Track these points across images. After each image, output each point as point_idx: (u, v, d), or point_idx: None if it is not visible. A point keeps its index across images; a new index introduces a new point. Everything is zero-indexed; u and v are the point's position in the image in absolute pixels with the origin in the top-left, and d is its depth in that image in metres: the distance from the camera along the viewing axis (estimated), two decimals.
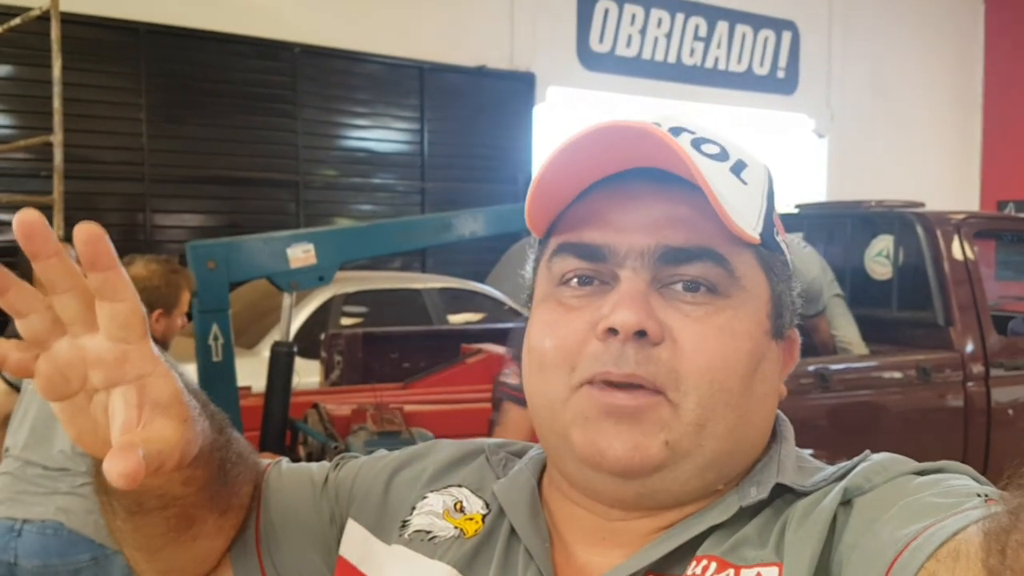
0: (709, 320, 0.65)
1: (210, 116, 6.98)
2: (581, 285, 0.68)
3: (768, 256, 0.69)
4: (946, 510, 0.54)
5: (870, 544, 0.56)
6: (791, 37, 10.22)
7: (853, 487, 0.62)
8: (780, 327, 0.70)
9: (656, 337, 0.63)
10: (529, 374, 0.70)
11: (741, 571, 0.61)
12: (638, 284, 0.65)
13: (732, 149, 0.70)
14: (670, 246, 0.65)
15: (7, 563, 2.37)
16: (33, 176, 6.05)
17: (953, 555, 0.49)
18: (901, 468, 0.63)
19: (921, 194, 5.07)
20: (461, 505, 0.76)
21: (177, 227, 6.95)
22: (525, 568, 0.69)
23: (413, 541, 0.74)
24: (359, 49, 7.56)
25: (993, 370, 3.72)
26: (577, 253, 0.68)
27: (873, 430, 3.43)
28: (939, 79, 11.58)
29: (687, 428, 0.63)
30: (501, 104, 8.31)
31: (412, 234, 3.55)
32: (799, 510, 0.63)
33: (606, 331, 0.64)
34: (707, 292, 0.65)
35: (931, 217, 3.85)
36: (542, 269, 0.72)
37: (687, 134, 0.69)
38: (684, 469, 0.65)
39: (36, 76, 5.81)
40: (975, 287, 3.75)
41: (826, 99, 10.52)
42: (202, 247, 2.91)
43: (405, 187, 7.97)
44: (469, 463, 0.81)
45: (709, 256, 0.65)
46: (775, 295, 0.69)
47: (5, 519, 2.39)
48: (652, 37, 9.23)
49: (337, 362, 4.49)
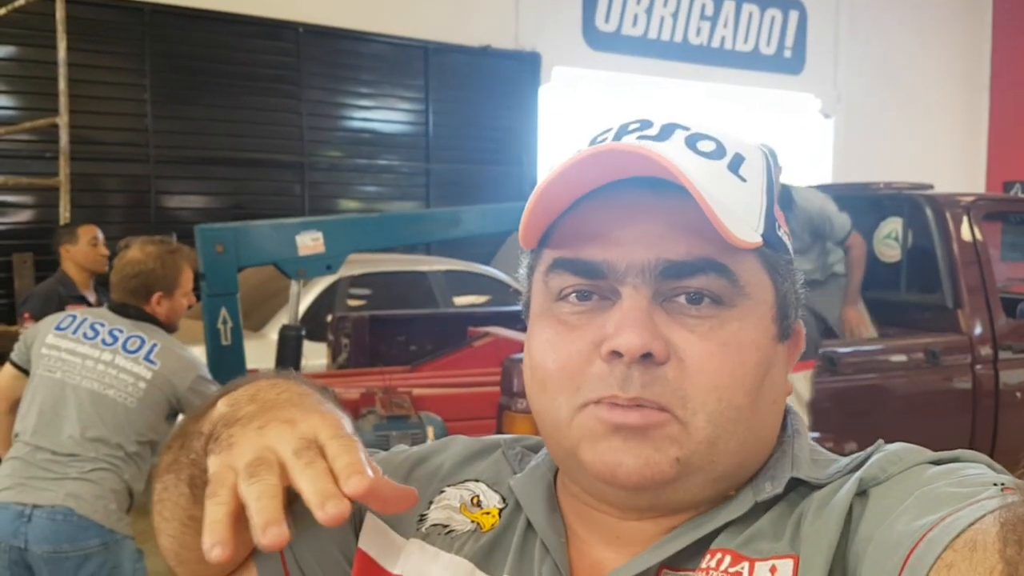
0: (714, 335, 0.63)
1: (215, 97, 6.96)
2: (580, 300, 0.66)
3: (772, 256, 0.67)
4: (962, 500, 0.53)
5: (886, 536, 0.56)
6: (798, 16, 10.15)
7: (868, 478, 0.62)
8: (786, 328, 0.69)
9: (661, 357, 0.62)
10: (532, 392, 0.69)
11: (756, 564, 0.61)
12: (640, 302, 0.63)
13: (729, 143, 0.68)
14: (671, 260, 0.63)
15: (18, 548, 2.38)
16: (38, 158, 6.03)
17: (970, 545, 0.48)
18: (916, 458, 0.63)
19: (927, 175, 5.04)
20: (478, 499, 0.76)
21: (182, 208, 6.96)
22: (541, 562, 0.69)
23: (430, 535, 0.74)
24: (363, 29, 7.52)
25: (1002, 353, 3.72)
26: (575, 270, 0.66)
27: (881, 413, 3.43)
28: (946, 60, 11.50)
29: (699, 446, 0.63)
30: (506, 84, 8.26)
31: (422, 227, 3.57)
32: (815, 502, 0.63)
33: (610, 354, 0.62)
34: (711, 304, 0.64)
35: (940, 199, 3.83)
36: (537, 282, 0.70)
37: (681, 131, 0.67)
38: (696, 482, 0.65)
39: (40, 57, 5.79)
40: (984, 270, 3.74)
41: (833, 79, 10.46)
42: (211, 231, 2.91)
43: (410, 168, 7.95)
44: (486, 458, 0.80)
45: (711, 268, 0.63)
46: (780, 296, 0.68)
47: (15, 504, 2.40)
48: (658, 16, 9.16)
49: (344, 345, 4.49)
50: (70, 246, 4.21)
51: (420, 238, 3.93)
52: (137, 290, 2.61)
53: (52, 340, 2.58)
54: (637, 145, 0.63)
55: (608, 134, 0.69)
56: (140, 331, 2.58)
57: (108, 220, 6.04)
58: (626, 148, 0.62)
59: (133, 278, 2.61)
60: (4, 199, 6.29)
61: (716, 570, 0.62)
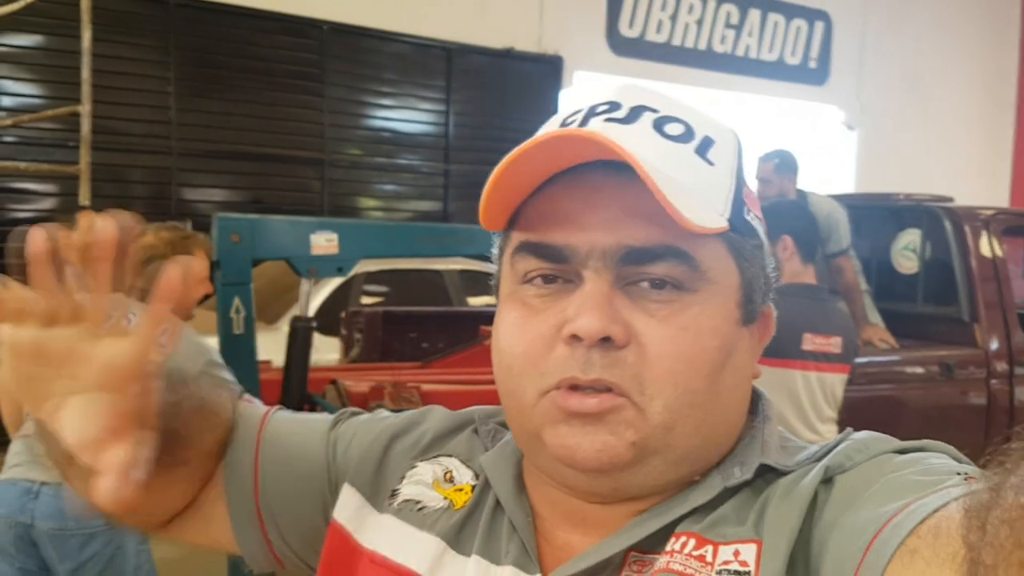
0: (674, 319, 0.63)
1: (238, 91, 7.01)
2: (545, 284, 0.66)
3: (738, 241, 0.67)
4: (927, 488, 0.54)
5: (850, 521, 0.56)
6: (823, 27, 10.10)
7: (834, 465, 0.62)
8: (751, 312, 0.68)
9: (621, 341, 0.62)
10: (500, 375, 0.69)
11: (719, 547, 0.62)
12: (601, 286, 0.63)
13: (698, 125, 0.68)
14: (631, 246, 0.63)
15: (24, 524, 2.41)
16: (61, 146, 6.09)
17: (934, 532, 0.49)
18: (882, 447, 0.63)
19: (951, 189, 5.00)
20: (451, 475, 0.77)
21: (203, 201, 7.00)
22: (508, 540, 0.70)
23: (403, 511, 0.75)
24: (387, 28, 7.55)
25: (1018, 368, 3.69)
26: (538, 253, 0.66)
27: (894, 425, 3.40)
28: (972, 73, 11.44)
29: (654, 430, 0.63)
30: (528, 87, 8.27)
31: (437, 240, 3.58)
32: (780, 488, 0.63)
33: (571, 337, 0.63)
34: (672, 289, 0.64)
35: (959, 212, 3.81)
36: (505, 264, 0.70)
37: (649, 114, 0.67)
38: (655, 465, 0.65)
39: (64, 46, 5.85)
40: (1002, 284, 3.71)
41: (857, 91, 10.40)
42: (229, 220, 2.93)
43: (429, 168, 7.97)
44: (460, 432, 0.81)
45: (672, 254, 0.63)
46: (745, 281, 0.67)
47: (24, 480, 2.42)
48: (683, 23, 9.14)
49: (357, 340, 4.51)
50: None
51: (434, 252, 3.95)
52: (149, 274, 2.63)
53: None
54: (594, 132, 0.62)
55: (577, 115, 0.69)
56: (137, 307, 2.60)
57: (129, 210, 6.07)
58: (583, 135, 0.61)
59: (145, 263, 2.63)
60: (26, 186, 6.36)
61: (680, 552, 0.62)
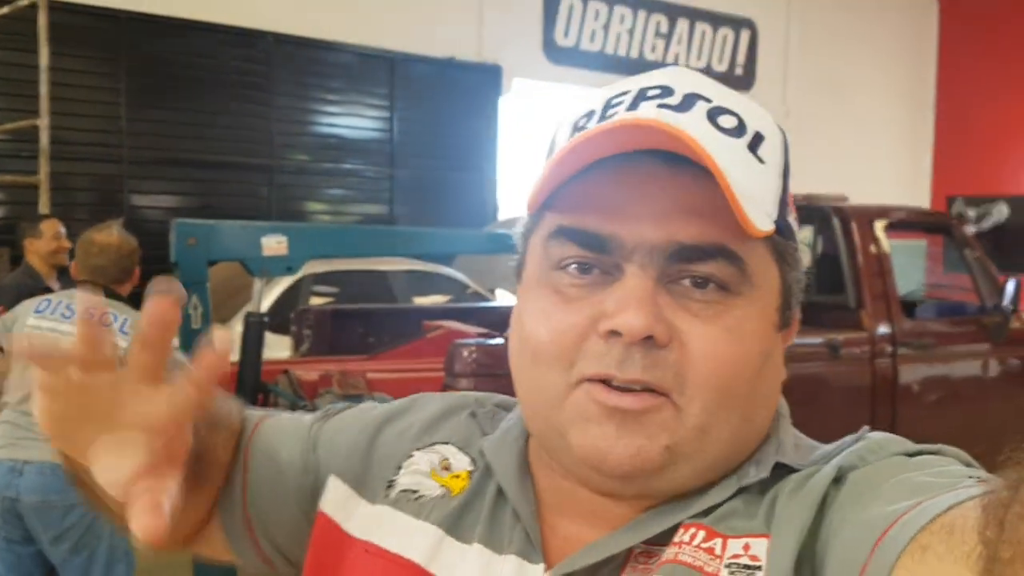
0: (719, 320, 0.61)
1: (187, 101, 7.18)
2: (581, 273, 0.62)
3: (782, 245, 0.64)
4: (939, 489, 0.52)
5: (859, 518, 0.55)
6: (749, 35, 10.55)
7: (847, 465, 0.61)
8: (787, 317, 0.66)
9: (663, 340, 0.59)
10: (520, 363, 0.65)
11: (729, 540, 0.60)
12: (645, 282, 0.60)
13: (750, 119, 0.64)
14: (682, 243, 0.60)
15: (10, 499, 2.70)
16: (15, 157, 6.27)
17: (947, 528, 0.47)
18: (896, 448, 0.62)
19: (873, 189, 5.39)
20: (448, 463, 0.74)
21: (153, 207, 7.14)
22: (512, 529, 0.67)
23: (399, 501, 0.72)
24: (332, 39, 7.78)
25: (901, 349, 4.14)
26: (579, 240, 0.62)
27: (786, 396, 3.80)
28: (893, 78, 11.92)
29: (689, 432, 0.61)
30: (468, 94, 8.56)
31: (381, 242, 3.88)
32: (790, 484, 0.61)
33: (609, 332, 0.60)
34: (716, 289, 0.61)
35: (848, 210, 4.25)
36: (535, 246, 0.66)
37: (703, 103, 0.63)
38: (683, 471, 0.62)
39: (20, 61, 6.03)
40: (886, 273, 4.16)
41: (782, 96, 10.86)
42: (186, 225, 3.25)
43: (375, 173, 8.22)
44: (455, 417, 0.78)
45: (723, 255, 0.60)
46: (785, 286, 0.65)
47: (9, 460, 2.71)
48: (615, 33, 9.54)
49: (306, 336, 4.76)
50: (34, 239, 4.40)
51: (378, 252, 4.25)
52: (106, 269, 2.96)
53: (33, 321, 2.86)
54: (661, 121, 0.59)
55: (626, 96, 0.65)
56: (111, 308, 2.89)
57: (81, 217, 6.23)
58: (651, 124, 0.59)
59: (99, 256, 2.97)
60: None
61: (689, 544, 0.61)
